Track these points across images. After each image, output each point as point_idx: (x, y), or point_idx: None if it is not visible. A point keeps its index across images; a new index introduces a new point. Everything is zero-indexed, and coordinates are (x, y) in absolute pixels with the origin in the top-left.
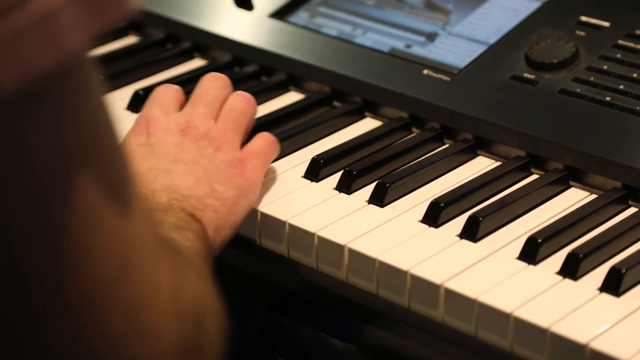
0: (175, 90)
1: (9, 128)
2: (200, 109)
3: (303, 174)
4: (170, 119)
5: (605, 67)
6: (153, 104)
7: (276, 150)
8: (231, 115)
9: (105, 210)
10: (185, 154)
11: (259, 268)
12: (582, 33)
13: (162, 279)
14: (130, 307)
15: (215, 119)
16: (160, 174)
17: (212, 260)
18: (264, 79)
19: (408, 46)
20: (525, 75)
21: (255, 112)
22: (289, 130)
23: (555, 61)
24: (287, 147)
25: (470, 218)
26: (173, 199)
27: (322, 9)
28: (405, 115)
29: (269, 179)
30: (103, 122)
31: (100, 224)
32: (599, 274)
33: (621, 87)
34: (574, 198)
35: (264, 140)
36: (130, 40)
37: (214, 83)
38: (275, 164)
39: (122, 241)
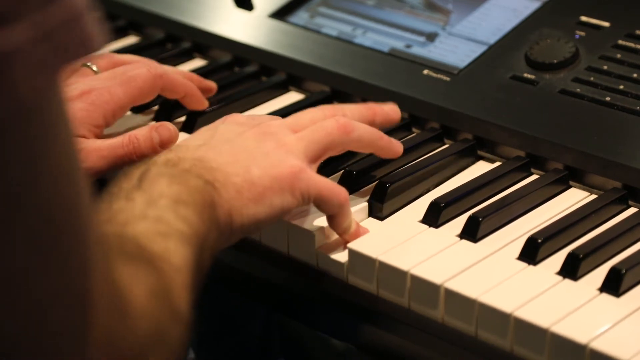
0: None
1: None
2: (286, 120)
3: None
4: (254, 117)
5: (605, 67)
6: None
7: (340, 201)
8: (314, 129)
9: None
10: (241, 141)
11: (260, 268)
12: (582, 33)
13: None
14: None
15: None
16: (202, 148)
17: (218, 239)
18: (264, 79)
19: (408, 46)
20: (525, 75)
21: (350, 139)
22: None
23: (555, 61)
24: None
25: (470, 218)
26: (195, 166)
27: (322, 9)
28: (405, 115)
29: None
30: (67, 169)
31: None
32: (599, 274)
33: (621, 87)
34: (574, 198)
35: (336, 190)
36: (130, 40)
37: (320, 110)
38: None
39: (61, 282)
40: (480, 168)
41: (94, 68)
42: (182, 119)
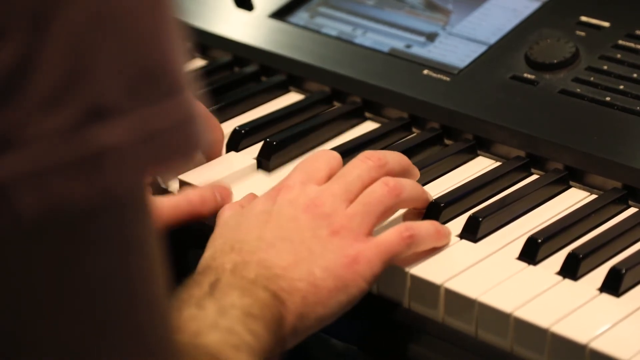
0: (330, 157)
1: (25, 253)
2: (336, 187)
3: None
4: (304, 190)
5: (605, 67)
6: (299, 169)
7: (410, 245)
8: (366, 200)
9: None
10: (297, 232)
11: None
12: (582, 33)
13: None
14: None
15: (351, 202)
16: (262, 246)
17: (281, 347)
18: (264, 79)
19: (408, 46)
20: (525, 75)
21: (401, 200)
22: (288, 131)
23: (555, 61)
24: (289, 151)
25: (470, 218)
26: (261, 275)
27: (322, 9)
28: (405, 115)
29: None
30: (152, 258)
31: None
32: (599, 274)
33: (621, 87)
34: (574, 198)
35: (397, 234)
36: None
37: (364, 163)
38: (277, 169)
39: None
40: (480, 163)
41: None
42: None
